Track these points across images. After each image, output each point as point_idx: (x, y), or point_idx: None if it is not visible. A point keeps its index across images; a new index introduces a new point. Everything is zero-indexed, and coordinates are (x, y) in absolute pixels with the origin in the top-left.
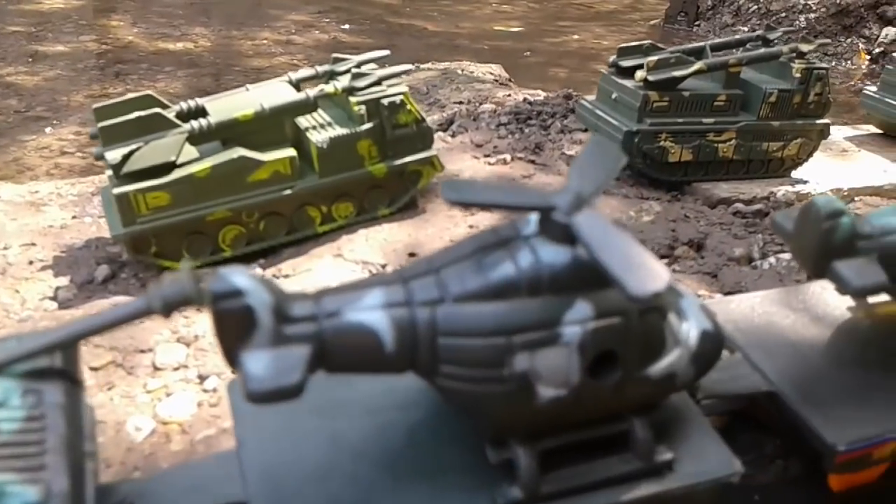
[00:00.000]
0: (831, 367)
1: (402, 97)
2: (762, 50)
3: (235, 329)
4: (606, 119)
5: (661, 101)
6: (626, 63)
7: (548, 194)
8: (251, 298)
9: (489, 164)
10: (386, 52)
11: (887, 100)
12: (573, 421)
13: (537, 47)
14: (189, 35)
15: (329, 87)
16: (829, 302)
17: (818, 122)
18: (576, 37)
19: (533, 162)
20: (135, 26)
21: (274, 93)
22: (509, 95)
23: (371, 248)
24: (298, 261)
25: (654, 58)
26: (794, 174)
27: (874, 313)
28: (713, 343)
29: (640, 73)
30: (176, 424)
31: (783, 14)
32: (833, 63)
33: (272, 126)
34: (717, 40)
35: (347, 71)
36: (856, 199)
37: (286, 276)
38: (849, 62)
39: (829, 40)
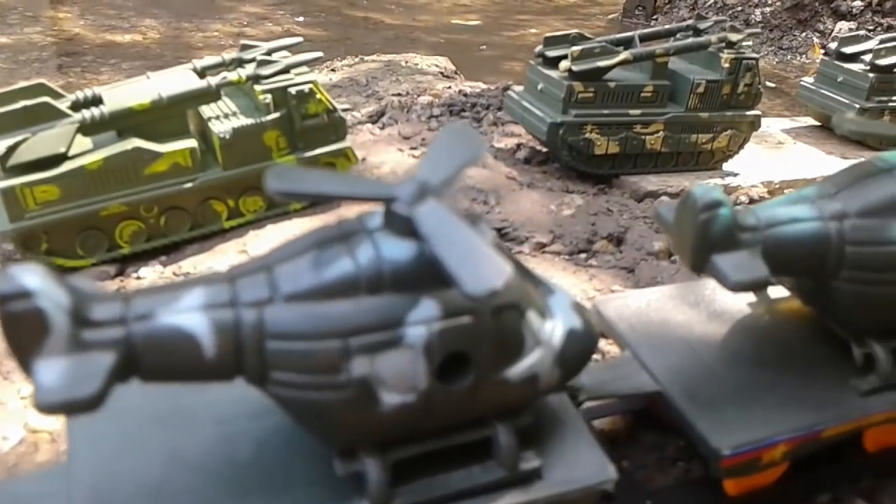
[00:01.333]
0: (724, 365)
1: (310, 86)
2: (690, 40)
3: (27, 334)
4: (532, 110)
5: (586, 91)
6: (552, 53)
7: (390, 185)
8: (42, 300)
9: (413, 156)
10: (298, 40)
11: (823, 91)
12: (427, 428)
13: (494, 41)
14: (138, 27)
15: (232, 76)
16: (729, 298)
17: (749, 113)
18: (533, 31)
19: None
20: (82, 18)
21: (175, 81)
22: (449, 88)
23: (279, 243)
24: (201, 258)
25: (579, 48)
26: (726, 166)
27: (774, 309)
28: (582, 343)
29: (564, 64)
30: (46, 433)
31: (739, 8)
32: (788, 57)
33: (172, 116)
34: (646, 30)
35: (250, 60)
36: (786, 191)
37: (186, 275)
38: (803, 56)
39: (758, 30)
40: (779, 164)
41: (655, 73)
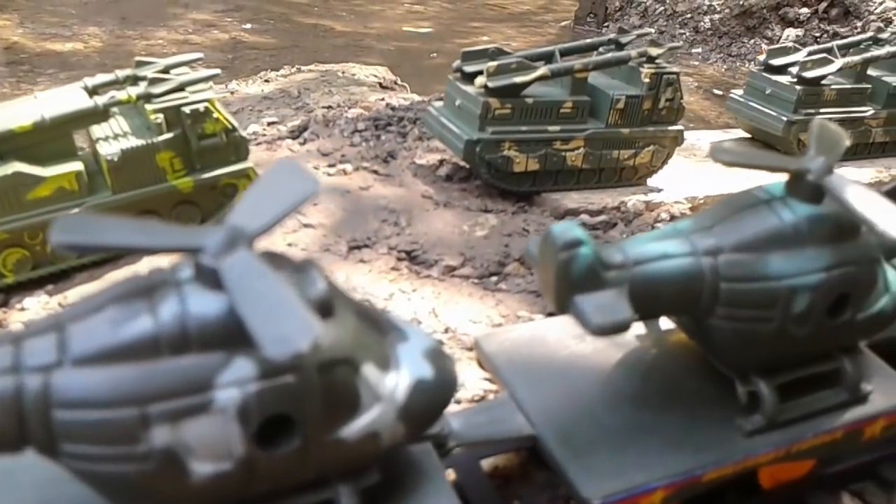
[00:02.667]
0: (606, 405)
1: (206, 104)
2: (609, 55)
3: None
4: (450, 127)
5: (503, 108)
6: (469, 68)
7: (198, 232)
8: None
9: (329, 174)
10: (199, 56)
11: (751, 104)
12: (255, 494)
13: (446, 48)
14: (80, 35)
15: (122, 95)
16: None
17: (671, 128)
18: (485, 38)
19: (377, 172)
20: (22, 26)
21: (63, 101)
22: (382, 99)
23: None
24: (91, 286)
25: (494, 63)
26: (651, 181)
27: (663, 342)
28: (432, 393)
29: (479, 80)
30: None
31: (688, 15)
32: (737, 64)
33: (57, 138)
34: (567, 44)
35: (144, 78)
36: (702, 208)
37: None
38: (752, 63)
39: (679, 44)
40: (705, 179)
41: (575, 88)
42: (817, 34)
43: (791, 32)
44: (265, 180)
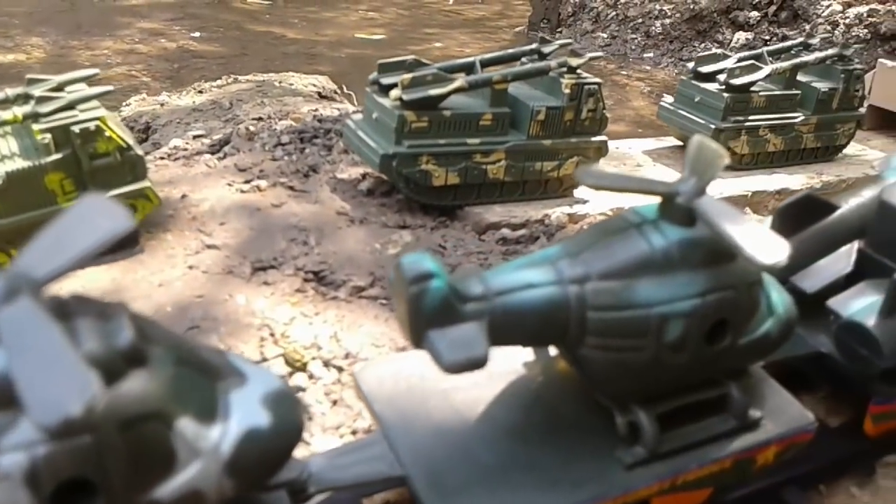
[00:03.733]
0: (484, 441)
1: (97, 122)
2: (528, 65)
3: None
4: (366, 140)
5: (420, 121)
6: (386, 80)
7: None
8: None
9: (242, 191)
10: (94, 72)
11: (681, 112)
12: None
13: (398, 55)
14: (23, 46)
15: (7, 114)
16: (502, 357)
17: (594, 139)
18: (439, 45)
19: (293, 188)
20: None
21: None
22: (316, 110)
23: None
24: None
25: (409, 76)
26: (578, 193)
27: (550, 369)
28: (266, 443)
29: (394, 92)
30: None
31: (640, 20)
32: (688, 68)
33: None
34: (488, 55)
35: (29, 96)
36: None
37: None
38: None
39: (601, 53)
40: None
41: (494, 100)
42: (767, 37)
43: (741, 36)
44: (66, 218)
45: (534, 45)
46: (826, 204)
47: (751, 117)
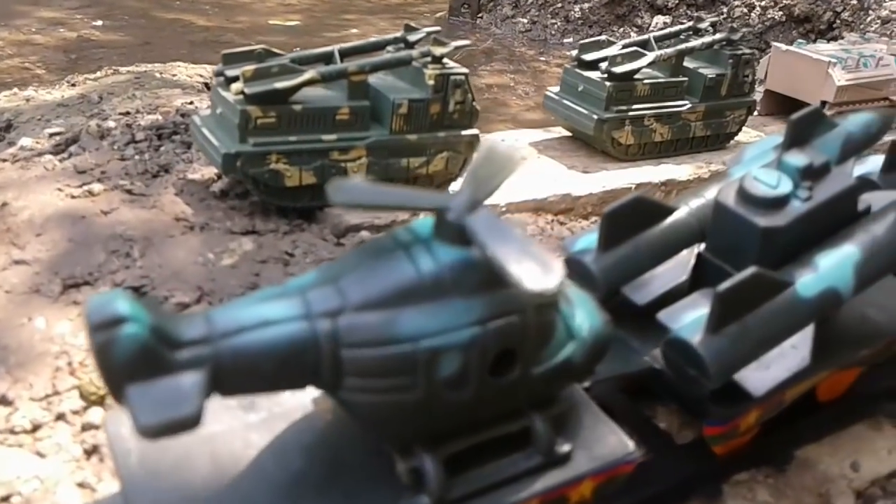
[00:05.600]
0: (252, 493)
1: None
2: (388, 55)
3: None
4: (210, 139)
5: (267, 117)
6: (232, 72)
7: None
8: None
9: (72, 196)
10: None
11: (566, 102)
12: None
13: (314, 42)
14: None
15: None
16: (286, 393)
17: (465, 132)
18: (355, 31)
19: (130, 192)
20: None
21: None
22: (191, 103)
23: None
24: None
25: (251, 67)
26: (452, 189)
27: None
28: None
29: (236, 86)
30: None
31: (559, 4)
32: None
33: None
34: (347, 44)
35: None
36: (511, 215)
37: None
38: None
39: (468, 43)
40: (513, 184)
41: (352, 93)
42: (684, 21)
43: (660, 20)
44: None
45: (399, 33)
46: (659, 207)
47: (635, 106)
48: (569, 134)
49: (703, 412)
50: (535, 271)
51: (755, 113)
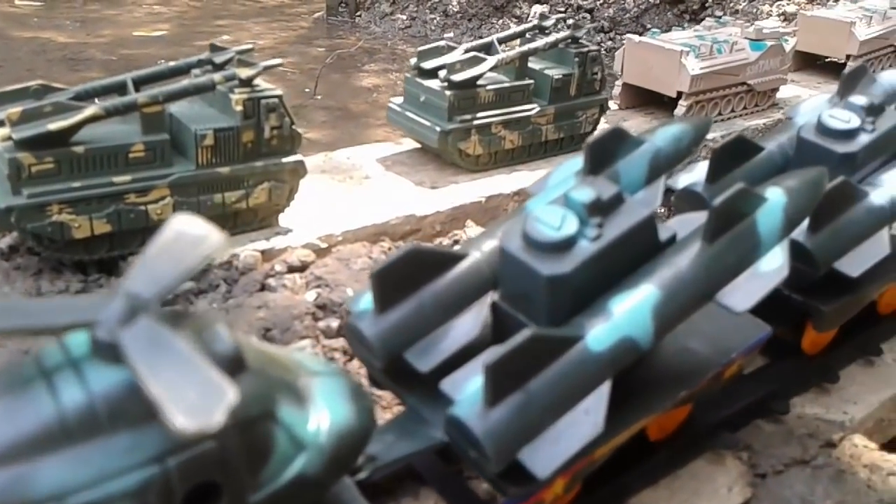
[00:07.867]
0: None
1: None
2: (186, 82)
3: None
4: None
5: (43, 163)
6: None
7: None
8: None
9: None
10: None
11: (408, 114)
12: None
13: (182, 52)
14: None
15: None
16: None
17: (286, 160)
18: (227, 37)
19: None
20: None
21: None
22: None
23: None
24: None
25: (18, 109)
26: (282, 221)
27: None
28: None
29: (2, 132)
30: None
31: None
32: None
33: None
34: (144, 71)
35: None
36: (335, 249)
37: None
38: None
39: (279, 62)
40: (354, 207)
41: (147, 126)
42: (563, 9)
43: (538, 9)
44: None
45: (204, 55)
46: (442, 255)
47: (480, 114)
48: (419, 146)
49: (501, 489)
50: (194, 405)
51: (615, 107)
